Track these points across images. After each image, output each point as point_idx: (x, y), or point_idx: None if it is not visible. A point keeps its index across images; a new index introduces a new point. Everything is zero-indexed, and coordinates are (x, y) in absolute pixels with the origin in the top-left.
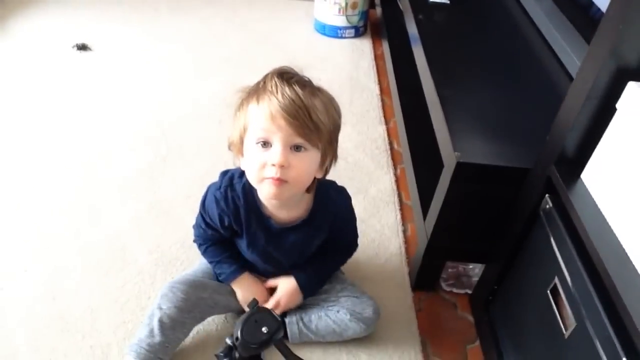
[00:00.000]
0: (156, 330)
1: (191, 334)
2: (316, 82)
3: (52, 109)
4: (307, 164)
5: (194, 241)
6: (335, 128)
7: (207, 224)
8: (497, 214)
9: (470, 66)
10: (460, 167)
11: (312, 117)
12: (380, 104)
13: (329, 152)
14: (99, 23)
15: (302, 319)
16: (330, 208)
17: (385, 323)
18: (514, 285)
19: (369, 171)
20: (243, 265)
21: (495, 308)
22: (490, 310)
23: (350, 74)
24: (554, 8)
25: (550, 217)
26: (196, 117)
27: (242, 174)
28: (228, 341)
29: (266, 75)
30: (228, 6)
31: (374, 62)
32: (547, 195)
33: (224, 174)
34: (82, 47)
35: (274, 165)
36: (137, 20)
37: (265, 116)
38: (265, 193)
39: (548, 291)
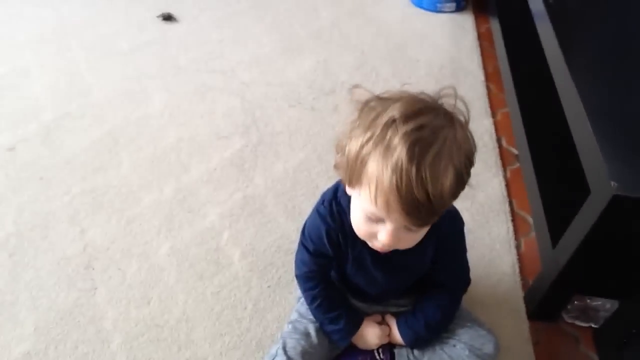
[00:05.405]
0: None
1: None
2: (416, 66)
3: (134, 84)
4: (419, 236)
5: (304, 292)
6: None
7: (312, 254)
8: None
9: (623, 60)
10: (616, 200)
11: (434, 210)
12: (485, 92)
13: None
14: None
15: (412, 352)
16: (438, 227)
17: (498, 356)
18: None
19: (475, 172)
20: (356, 313)
21: (632, 354)
22: (625, 356)
23: (451, 55)
24: None
25: None
26: (287, 101)
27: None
28: None
29: (395, 125)
30: None
31: (477, 42)
32: None
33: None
34: (168, 18)
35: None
36: None
37: (382, 204)
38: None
39: None
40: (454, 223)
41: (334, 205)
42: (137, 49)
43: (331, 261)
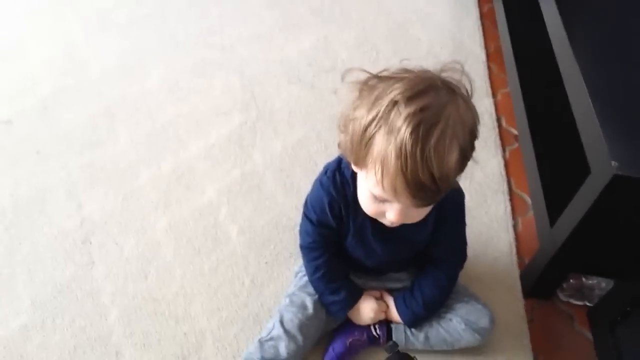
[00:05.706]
0: None
1: None
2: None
3: (132, 58)
4: (426, 211)
5: (308, 263)
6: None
7: (315, 225)
8: None
9: (627, 40)
10: (616, 180)
11: (440, 190)
12: (487, 71)
13: None
14: None
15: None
16: (440, 200)
17: (493, 332)
18: None
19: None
20: (356, 286)
21: (625, 332)
22: (619, 333)
23: (453, 34)
24: None
25: None
26: (286, 78)
27: None
28: None
29: (398, 107)
30: None
31: (479, 21)
32: None
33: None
34: None
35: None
36: None
37: (388, 187)
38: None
39: None
40: (454, 195)
41: (337, 176)
42: (135, 22)
43: (334, 232)
